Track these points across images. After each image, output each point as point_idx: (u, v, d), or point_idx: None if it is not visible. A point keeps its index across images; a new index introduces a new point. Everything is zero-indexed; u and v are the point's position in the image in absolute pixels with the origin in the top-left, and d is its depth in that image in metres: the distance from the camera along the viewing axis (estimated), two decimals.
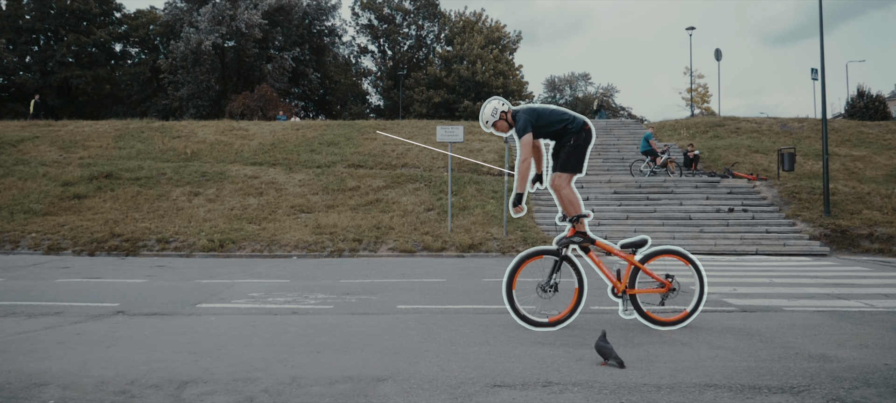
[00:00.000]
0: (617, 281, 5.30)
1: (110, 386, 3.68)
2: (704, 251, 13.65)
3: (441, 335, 5.20)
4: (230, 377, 3.87)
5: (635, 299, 5.33)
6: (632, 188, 17.06)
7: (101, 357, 4.37)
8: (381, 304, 6.89)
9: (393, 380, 3.84)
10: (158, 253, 13.24)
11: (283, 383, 3.76)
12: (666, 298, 5.36)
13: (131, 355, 4.45)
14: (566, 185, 5.36)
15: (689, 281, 5.56)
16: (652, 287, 5.39)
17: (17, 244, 13.66)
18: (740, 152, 21.87)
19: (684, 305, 5.48)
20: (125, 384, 3.72)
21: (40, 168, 18.54)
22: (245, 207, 15.82)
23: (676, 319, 5.43)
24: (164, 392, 3.57)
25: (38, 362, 4.24)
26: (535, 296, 5.26)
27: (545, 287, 5.23)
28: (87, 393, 3.57)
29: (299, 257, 12.92)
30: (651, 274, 5.33)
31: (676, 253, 5.50)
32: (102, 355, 4.45)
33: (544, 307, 5.32)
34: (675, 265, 5.43)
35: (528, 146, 5.21)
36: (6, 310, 6.37)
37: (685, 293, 5.45)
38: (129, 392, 3.57)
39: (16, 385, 3.70)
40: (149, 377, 3.86)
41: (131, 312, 6.30)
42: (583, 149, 5.34)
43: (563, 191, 5.36)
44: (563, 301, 5.34)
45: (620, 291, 5.29)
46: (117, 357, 4.39)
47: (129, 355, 4.45)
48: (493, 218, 14.90)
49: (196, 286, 8.57)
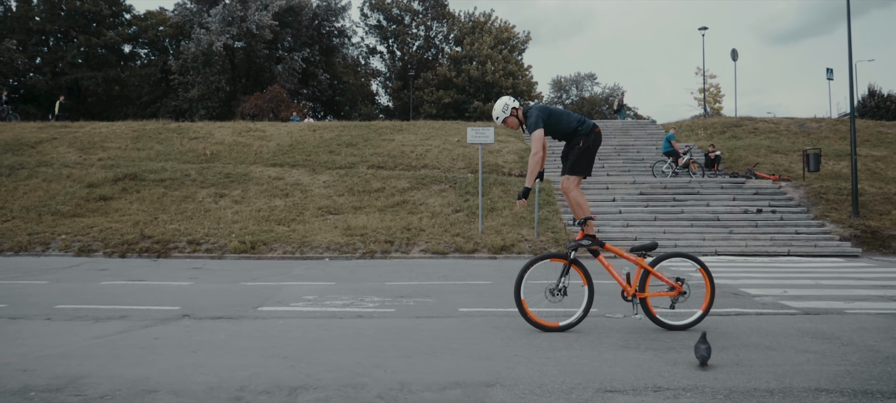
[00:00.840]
0: (627, 285, 5.32)
1: (221, 393, 3.65)
2: (735, 252, 13.62)
3: (519, 339, 5.17)
4: (338, 383, 3.85)
5: (645, 302, 5.33)
6: (657, 189, 17.03)
7: (195, 363, 4.34)
8: (441, 307, 6.86)
9: (501, 386, 3.81)
10: (190, 255, 13.23)
11: (393, 389, 3.74)
12: (676, 301, 5.36)
13: (223, 360, 4.43)
14: (574, 188, 5.43)
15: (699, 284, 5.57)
16: (662, 290, 5.39)
17: (47, 246, 13.65)
18: (760, 152, 21.82)
19: (695, 308, 5.50)
20: (235, 390, 3.70)
21: (64, 169, 18.54)
22: (272, 209, 15.80)
23: (687, 323, 5.42)
24: (278, 399, 3.55)
25: (134, 368, 4.22)
26: (546, 300, 5.29)
27: (554, 290, 5.28)
28: (201, 399, 3.54)
29: (331, 259, 12.90)
30: (661, 277, 5.34)
31: (686, 256, 5.55)
32: (194, 360, 4.43)
33: (554, 310, 5.35)
34: (684, 268, 5.44)
35: (539, 141, 5.27)
36: (70, 314, 6.35)
37: (695, 296, 5.44)
38: (242, 399, 3.55)
39: (126, 391, 3.67)
40: (255, 382, 3.84)
41: (196, 316, 6.28)
42: (592, 152, 5.43)
43: (571, 193, 5.42)
44: (572, 303, 5.39)
45: (630, 295, 5.31)
46: (211, 362, 4.37)
47: (220, 360, 4.43)
48: (522, 220, 14.87)
49: (244, 289, 8.55)
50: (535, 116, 5.30)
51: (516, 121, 5.52)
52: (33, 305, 6.88)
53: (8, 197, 16.61)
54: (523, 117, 5.47)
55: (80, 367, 4.20)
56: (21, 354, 4.58)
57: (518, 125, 5.55)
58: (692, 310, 5.49)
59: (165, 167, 18.83)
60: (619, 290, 5.50)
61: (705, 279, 5.43)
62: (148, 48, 52.36)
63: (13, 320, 6.03)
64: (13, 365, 4.26)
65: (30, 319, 6.07)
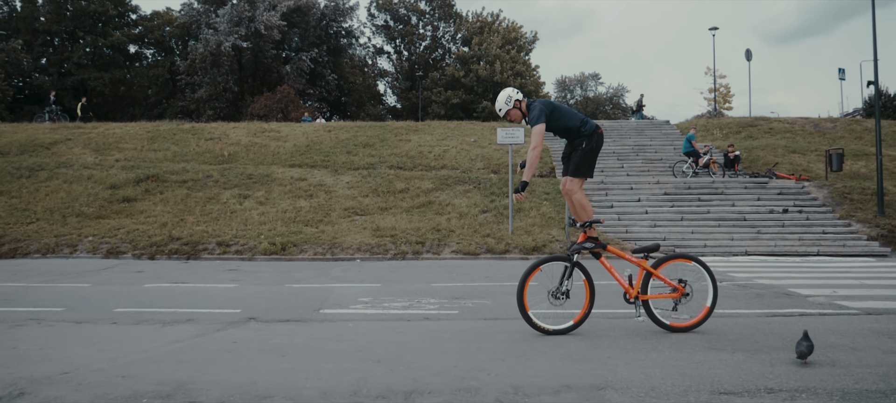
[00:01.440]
0: (629, 287, 5.28)
1: (337, 398, 3.62)
2: (765, 252, 13.60)
3: (603, 341, 5.13)
4: (449, 387, 3.82)
5: (648, 304, 5.30)
6: (681, 189, 17.02)
7: (293, 367, 4.31)
8: (504, 309, 6.83)
9: (612, 389, 3.79)
10: (219, 256, 13.20)
11: (508, 392, 3.71)
12: (679, 303, 5.32)
13: (318, 364, 4.40)
14: (578, 190, 5.37)
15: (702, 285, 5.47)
16: (664, 292, 5.35)
17: (74, 248, 13.61)
18: (778, 152, 21.82)
19: (697, 310, 5.45)
20: (349, 395, 3.67)
21: (84, 170, 18.49)
22: (297, 210, 15.76)
23: (689, 324, 5.39)
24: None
25: (233, 372, 4.18)
26: (548, 303, 5.25)
27: (556, 293, 5.23)
28: None
29: (362, 260, 12.87)
30: (664, 278, 5.30)
31: (688, 258, 5.47)
32: (291, 364, 4.40)
33: (556, 313, 5.31)
34: (686, 270, 5.39)
35: (540, 135, 5.20)
36: (134, 318, 6.32)
37: (698, 298, 5.38)
38: None
39: (239, 397, 3.64)
40: (365, 387, 3.81)
41: (262, 318, 6.24)
42: (595, 154, 5.35)
43: (574, 196, 5.36)
44: (574, 306, 5.36)
45: (633, 297, 5.28)
46: (308, 366, 4.33)
47: (316, 364, 4.40)
48: (550, 220, 14.85)
49: (293, 291, 8.53)
50: (538, 110, 5.26)
51: (519, 114, 5.45)
52: (91, 309, 6.84)
53: (30, 198, 16.56)
54: (526, 110, 5.40)
55: (177, 372, 4.16)
56: (109, 359, 4.55)
57: (521, 118, 5.48)
58: (695, 312, 5.44)
59: (186, 168, 18.79)
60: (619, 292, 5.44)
61: (709, 280, 5.37)
62: (154, 49, 52.26)
63: (79, 324, 5.99)
64: (108, 371, 4.22)
65: (95, 323, 6.04)
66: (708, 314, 5.45)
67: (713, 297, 5.42)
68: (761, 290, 8.31)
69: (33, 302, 7.43)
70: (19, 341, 5.20)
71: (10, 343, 5.09)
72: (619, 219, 15.39)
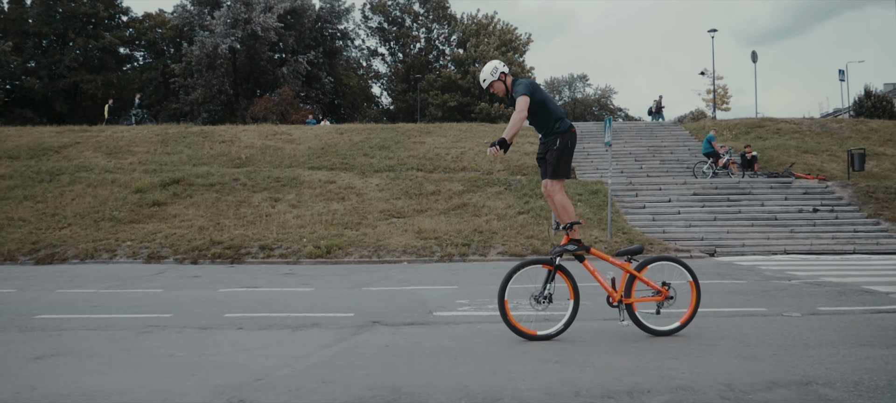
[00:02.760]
0: (612, 290, 5.18)
1: (561, 398, 3.65)
2: (803, 251, 13.86)
3: (756, 337, 5.23)
4: (665, 386, 3.85)
5: (631, 308, 5.21)
6: (709, 189, 17.27)
7: (485, 369, 4.30)
8: (602, 310, 6.90)
9: (817, 384, 3.86)
10: (263, 260, 13.08)
11: (723, 390, 3.76)
12: (662, 306, 5.26)
13: (500, 365, 4.40)
14: (559, 191, 5.31)
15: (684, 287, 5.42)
16: (648, 295, 5.26)
17: (113, 253, 13.39)
18: (790, 152, 22.23)
19: (681, 313, 5.37)
20: (571, 396, 3.69)
21: (106, 174, 18.18)
22: (332, 213, 15.68)
23: (673, 328, 5.31)
24: None
25: (427, 376, 4.17)
26: (530, 307, 5.17)
27: (539, 297, 5.13)
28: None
29: (409, 262, 12.85)
30: (647, 282, 5.21)
31: (672, 260, 5.42)
32: (473, 366, 4.38)
33: (537, 316, 5.23)
34: (670, 272, 5.34)
35: (525, 104, 5.07)
36: (255, 323, 6.26)
37: (681, 300, 5.31)
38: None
39: (467, 399, 3.64)
40: (586, 388, 3.84)
41: (386, 322, 6.21)
42: (569, 153, 5.30)
43: (556, 197, 5.29)
44: (557, 310, 5.26)
45: (616, 300, 5.19)
46: (492, 367, 4.33)
47: (497, 365, 4.40)
48: (588, 221, 14.97)
49: (377, 294, 8.49)
50: (523, 85, 5.18)
51: (503, 87, 5.34)
52: (202, 314, 6.76)
53: (56, 202, 16.24)
54: (511, 85, 5.31)
55: (370, 377, 4.14)
56: (285, 365, 4.49)
57: (504, 91, 5.36)
58: (679, 314, 5.37)
59: (210, 172, 18.58)
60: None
61: (691, 284, 5.31)
62: (145, 51, 51.51)
63: (205, 330, 5.91)
64: (299, 377, 4.17)
65: (220, 329, 5.96)
66: (691, 317, 5.36)
67: (696, 301, 5.33)
68: (839, 288, 8.47)
69: (125, 308, 7.30)
70: (172, 348, 5.12)
71: (164, 350, 5.02)
72: (654, 220, 15.57)
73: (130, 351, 5.01)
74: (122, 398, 3.72)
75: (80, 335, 5.69)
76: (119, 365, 4.52)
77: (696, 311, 5.38)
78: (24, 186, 17.26)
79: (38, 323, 6.29)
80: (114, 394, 3.79)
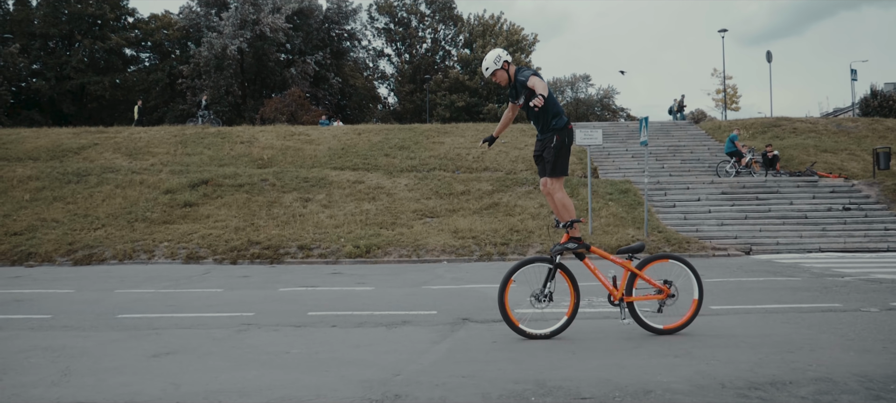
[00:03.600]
0: (613, 289, 5.14)
1: (745, 390, 3.69)
2: (838, 248, 13.94)
3: (847, 333, 5.29)
4: (807, 378, 3.91)
5: (633, 306, 5.16)
6: (737, 188, 17.35)
7: (617, 363, 4.35)
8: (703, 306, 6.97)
9: None
10: (303, 260, 13.09)
11: (862, 380, 3.81)
12: (664, 304, 5.20)
13: (613, 360, 4.44)
14: (559, 189, 5.27)
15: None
16: (649, 293, 5.20)
17: (151, 254, 13.37)
18: (809, 152, 22.33)
19: (682, 311, 5.34)
20: (744, 387, 3.74)
21: (133, 175, 18.15)
22: (365, 213, 15.69)
23: (675, 326, 5.26)
24: (790, 394, 3.60)
25: (568, 369, 4.21)
26: (530, 306, 5.12)
27: (539, 296, 5.08)
28: (717, 397, 3.57)
29: (449, 262, 12.88)
30: (649, 280, 5.16)
31: (673, 258, 5.36)
32: (616, 360, 4.43)
33: (538, 315, 5.18)
34: (671, 270, 5.31)
35: (545, 85, 4.93)
36: (346, 321, 6.27)
37: (683, 299, 5.26)
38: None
39: (621, 393, 3.68)
40: (722, 379, 3.88)
41: (475, 319, 6.25)
42: (568, 150, 5.26)
43: (556, 195, 5.24)
44: (558, 309, 5.24)
45: (617, 299, 5.14)
46: (639, 362, 4.38)
47: (619, 360, 4.44)
48: (621, 220, 15.03)
49: (437, 293, 8.52)
50: (531, 70, 5.12)
51: (505, 76, 5.26)
52: (289, 313, 6.76)
53: (86, 204, 16.21)
54: (514, 74, 5.23)
55: (503, 372, 4.16)
56: (408, 361, 4.50)
57: (506, 80, 5.29)
58: (680, 313, 5.34)
59: (238, 172, 18.57)
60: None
61: (694, 280, 5.26)
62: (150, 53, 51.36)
63: (299, 328, 5.93)
64: (438, 372, 4.21)
65: (316, 326, 5.97)
66: (694, 315, 5.32)
67: (698, 299, 5.28)
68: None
69: (200, 307, 7.30)
70: (281, 345, 5.14)
71: (276, 348, 5.04)
72: (686, 219, 15.64)
73: (243, 349, 5.03)
74: (274, 394, 3.73)
75: (179, 333, 5.70)
76: (245, 363, 4.53)
77: (698, 310, 5.31)
78: (52, 187, 17.22)
79: (127, 323, 6.30)
80: (264, 390, 3.81)
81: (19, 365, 4.54)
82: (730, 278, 9.77)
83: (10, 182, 17.58)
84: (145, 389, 3.87)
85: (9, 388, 3.96)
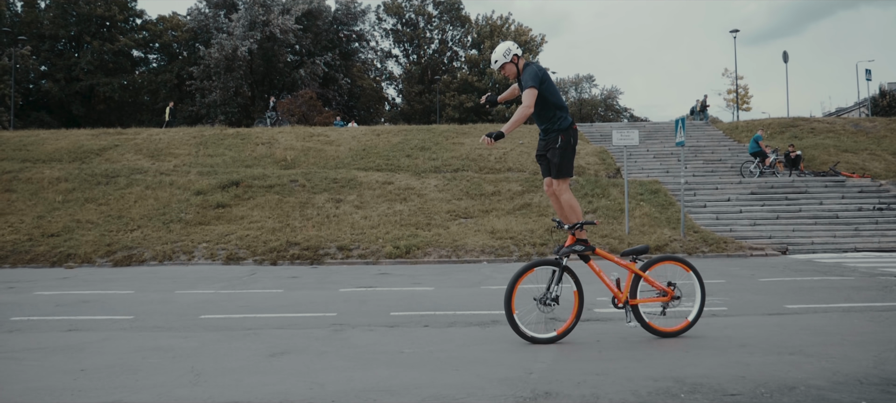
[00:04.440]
0: (617, 291, 5.11)
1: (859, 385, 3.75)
2: (872, 248, 14.03)
3: None
4: None
5: (637, 309, 5.13)
6: (765, 188, 17.43)
7: (734, 361, 4.40)
8: (765, 305, 7.02)
9: None
10: (343, 260, 13.12)
11: None
12: (668, 307, 5.19)
13: (731, 358, 4.50)
14: (565, 190, 5.22)
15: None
16: (653, 295, 5.18)
17: (191, 255, 13.39)
18: (830, 152, 22.42)
19: (687, 313, 5.33)
20: (863, 381, 3.79)
21: (162, 177, 18.17)
22: (398, 213, 15.73)
23: (679, 328, 5.26)
24: None
25: (681, 368, 4.26)
26: (536, 309, 5.04)
27: (545, 299, 4.99)
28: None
29: (489, 262, 12.93)
30: (653, 282, 5.13)
31: (677, 260, 5.36)
32: (724, 359, 4.48)
33: (545, 320, 5.13)
34: (675, 272, 5.31)
35: (533, 98, 4.90)
36: (436, 321, 6.32)
37: (687, 301, 5.26)
38: None
39: (733, 388, 3.73)
40: (836, 372, 3.93)
41: (559, 318, 6.29)
42: (572, 150, 5.20)
43: (563, 197, 5.20)
44: (563, 312, 5.19)
45: (621, 301, 5.10)
46: (757, 361, 4.43)
47: (738, 359, 4.50)
48: (654, 220, 15.10)
49: (498, 293, 8.55)
50: (533, 74, 4.97)
51: (515, 70, 5.19)
52: (375, 313, 6.80)
53: (118, 205, 16.23)
54: (522, 69, 5.14)
55: (629, 369, 4.22)
56: (532, 361, 4.56)
57: (515, 74, 5.22)
58: (684, 315, 5.32)
59: (266, 174, 18.60)
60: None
61: (697, 282, 5.27)
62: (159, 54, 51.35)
63: (393, 328, 5.96)
64: (560, 370, 4.27)
65: (407, 326, 6.01)
66: (697, 317, 5.32)
67: (701, 301, 5.30)
68: None
69: (276, 307, 7.34)
70: (389, 345, 5.19)
71: (387, 347, 5.08)
72: (718, 219, 15.71)
73: (355, 348, 5.07)
74: (423, 393, 3.77)
75: (278, 333, 5.74)
76: (368, 363, 4.57)
77: (700, 312, 5.31)
78: (82, 189, 17.23)
79: (216, 323, 6.34)
80: (411, 389, 3.85)
81: (141, 366, 4.57)
82: (783, 278, 9.83)
83: (41, 183, 17.60)
84: (291, 388, 3.91)
85: (149, 388, 4.00)
